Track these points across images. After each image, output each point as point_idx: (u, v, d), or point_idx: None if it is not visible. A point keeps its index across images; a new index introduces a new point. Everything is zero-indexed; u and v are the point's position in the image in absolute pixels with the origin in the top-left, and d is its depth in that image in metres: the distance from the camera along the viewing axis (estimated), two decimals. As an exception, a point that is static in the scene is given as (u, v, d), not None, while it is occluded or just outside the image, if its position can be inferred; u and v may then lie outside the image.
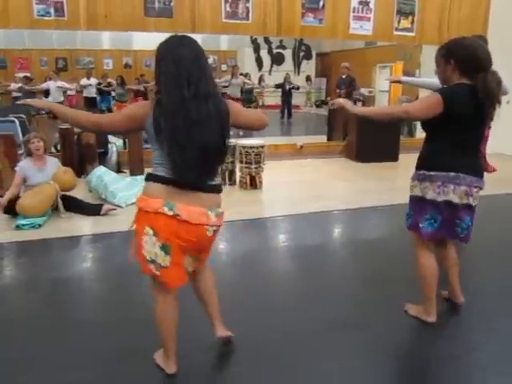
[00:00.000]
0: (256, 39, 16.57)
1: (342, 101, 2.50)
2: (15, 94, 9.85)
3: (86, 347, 2.32)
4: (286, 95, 13.81)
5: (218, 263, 3.26)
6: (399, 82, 3.58)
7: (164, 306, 1.98)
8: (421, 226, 2.36)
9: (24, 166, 4.35)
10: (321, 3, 6.89)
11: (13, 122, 6.39)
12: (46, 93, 9.80)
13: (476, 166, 2.33)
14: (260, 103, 14.70)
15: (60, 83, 9.74)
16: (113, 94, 11.25)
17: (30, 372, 2.15)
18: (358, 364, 2.20)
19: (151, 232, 1.82)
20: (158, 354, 2.18)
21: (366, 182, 5.88)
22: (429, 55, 9.48)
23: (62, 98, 9.88)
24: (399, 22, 7.31)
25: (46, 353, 2.29)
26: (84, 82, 10.93)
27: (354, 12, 7.07)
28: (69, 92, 10.51)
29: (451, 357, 2.27)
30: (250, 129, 2.10)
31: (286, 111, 13.81)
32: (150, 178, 1.88)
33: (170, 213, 1.80)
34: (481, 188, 2.34)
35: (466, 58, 2.20)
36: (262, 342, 2.36)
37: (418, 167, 2.36)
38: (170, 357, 2.08)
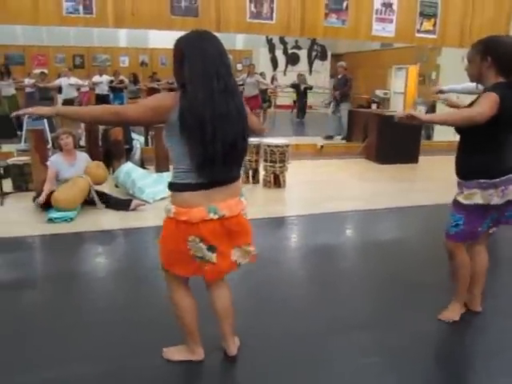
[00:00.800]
0: (271, 39, 16.56)
1: (412, 113, 2.20)
2: (29, 90, 9.88)
3: (103, 341, 2.36)
4: (301, 95, 13.81)
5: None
6: (442, 92, 3.56)
7: (180, 292, 2.03)
8: (479, 230, 2.40)
9: (55, 160, 4.43)
10: (344, 4, 6.92)
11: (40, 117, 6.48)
12: (60, 89, 9.73)
13: None
14: (272, 103, 14.69)
15: (73, 80, 9.68)
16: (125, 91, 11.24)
17: (43, 361, 2.19)
18: (374, 363, 2.22)
19: (197, 239, 1.85)
20: (170, 351, 2.19)
21: (387, 183, 5.90)
22: (447, 58, 9.47)
23: (75, 94, 9.81)
24: (421, 24, 7.32)
25: (62, 344, 2.33)
26: (96, 79, 10.92)
27: (376, 14, 7.09)
28: (82, 89, 10.43)
29: (475, 358, 2.31)
30: (252, 132, 2.09)
31: (300, 111, 13.82)
32: (180, 187, 1.84)
33: (216, 216, 1.83)
34: None
35: (505, 57, 2.19)
36: (279, 341, 2.37)
37: (475, 176, 2.29)
38: (197, 342, 2.12)
